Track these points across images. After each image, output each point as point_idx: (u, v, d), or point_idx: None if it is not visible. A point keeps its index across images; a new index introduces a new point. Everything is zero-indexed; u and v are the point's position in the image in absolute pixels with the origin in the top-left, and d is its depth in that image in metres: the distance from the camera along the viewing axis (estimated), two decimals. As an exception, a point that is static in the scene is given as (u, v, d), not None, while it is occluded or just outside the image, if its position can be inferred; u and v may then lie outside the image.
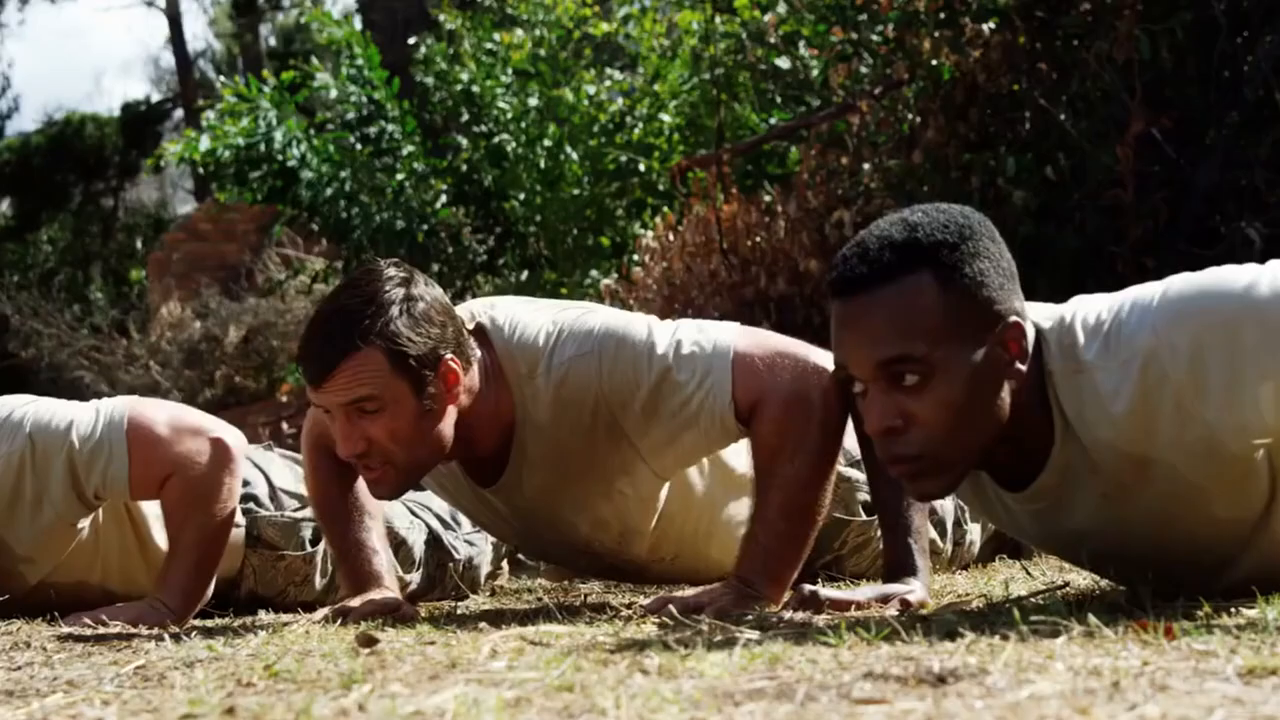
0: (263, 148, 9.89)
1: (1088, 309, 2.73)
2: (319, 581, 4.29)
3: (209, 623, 3.59)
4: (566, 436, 3.35)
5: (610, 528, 3.55)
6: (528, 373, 3.33)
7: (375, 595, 3.44)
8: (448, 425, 3.27)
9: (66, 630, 3.23)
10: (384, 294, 3.19)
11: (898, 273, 2.60)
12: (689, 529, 3.67)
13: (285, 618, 3.60)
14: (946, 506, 4.21)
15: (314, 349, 3.22)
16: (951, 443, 2.66)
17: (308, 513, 4.25)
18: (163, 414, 3.71)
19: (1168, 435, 2.62)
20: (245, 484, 4.21)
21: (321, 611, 3.41)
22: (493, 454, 3.43)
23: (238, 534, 4.14)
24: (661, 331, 3.31)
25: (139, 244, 20.26)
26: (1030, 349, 2.68)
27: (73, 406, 3.73)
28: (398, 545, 4.28)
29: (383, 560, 3.58)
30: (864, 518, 3.99)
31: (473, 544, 4.63)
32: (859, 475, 3.94)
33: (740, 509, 3.69)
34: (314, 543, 4.24)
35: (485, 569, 4.71)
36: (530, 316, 3.39)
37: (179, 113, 22.87)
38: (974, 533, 4.30)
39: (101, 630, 3.24)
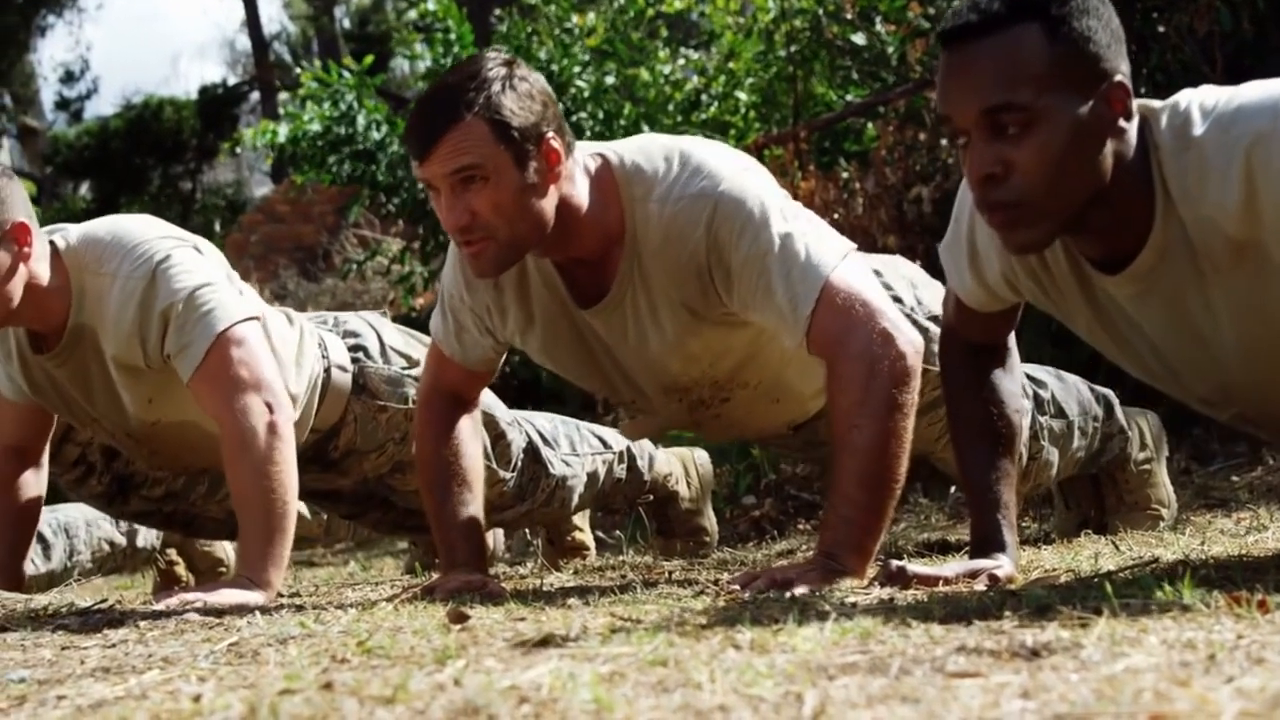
0: (343, 131, 9.92)
1: (1204, 95, 2.74)
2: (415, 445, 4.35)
3: (298, 600, 3.61)
4: (666, 268, 3.40)
5: (700, 360, 3.56)
6: (642, 195, 3.39)
7: (463, 573, 3.47)
8: (549, 204, 3.32)
9: (158, 607, 3.26)
10: (487, 70, 3.26)
11: (1006, 22, 2.64)
12: (775, 352, 3.66)
13: (369, 596, 3.62)
14: (1024, 410, 4.14)
15: (419, 123, 3.29)
16: (1050, 192, 2.67)
17: (414, 372, 4.31)
18: (255, 352, 3.73)
19: (1271, 219, 2.62)
20: (355, 335, 4.34)
21: (408, 590, 3.43)
22: (595, 259, 3.47)
23: (343, 380, 4.23)
24: (784, 213, 3.34)
25: (217, 226, 20.38)
26: (1135, 114, 2.71)
27: (208, 275, 3.78)
28: (496, 438, 4.32)
29: (475, 538, 3.61)
30: (935, 367, 3.97)
31: (569, 465, 4.66)
32: (935, 329, 3.94)
33: None
34: (416, 400, 4.31)
35: (575, 497, 4.72)
36: (654, 147, 3.46)
37: (255, 95, 23.00)
38: (1051, 454, 4.25)
39: (193, 608, 3.26)
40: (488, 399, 3.92)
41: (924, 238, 7.65)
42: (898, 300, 3.85)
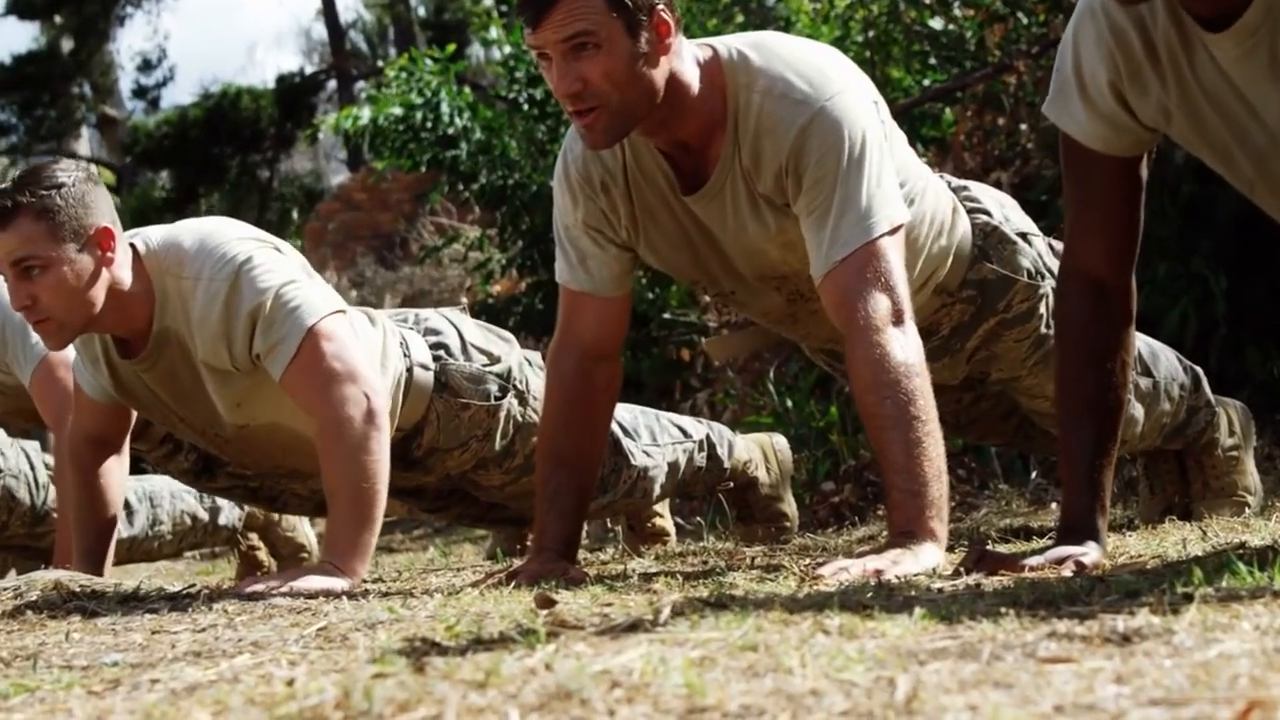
0: (421, 117, 9.93)
1: None
2: (499, 441, 4.38)
3: (382, 586, 3.63)
4: (760, 157, 3.44)
5: (797, 248, 3.56)
6: (746, 84, 3.42)
7: (547, 559, 3.48)
8: (660, 75, 3.36)
9: (245, 593, 3.29)
10: None
11: None
12: None
13: (454, 582, 3.64)
14: None
15: None
16: None
17: (495, 369, 4.33)
18: (344, 344, 3.76)
19: None
20: (437, 333, 4.37)
21: (489, 574, 3.45)
22: (698, 143, 3.50)
23: (425, 378, 4.25)
24: (869, 153, 3.37)
25: (294, 215, 20.49)
26: None
27: (290, 273, 3.81)
28: None
29: (571, 522, 3.62)
30: (1026, 280, 3.97)
31: (650, 455, 4.67)
32: (1028, 248, 3.95)
33: (919, 232, 3.73)
34: (499, 397, 4.32)
35: (657, 487, 4.73)
36: (778, 45, 3.50)
37: (332, 84, 23.09)
38: (1136, 410, 4.22)
39: (278, 592, 3.29)
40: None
41: (1003, 223, 7.61)
42: (985, 213, 3.95)
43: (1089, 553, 3.02)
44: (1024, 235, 3.98)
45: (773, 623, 2.19)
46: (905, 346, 3.29)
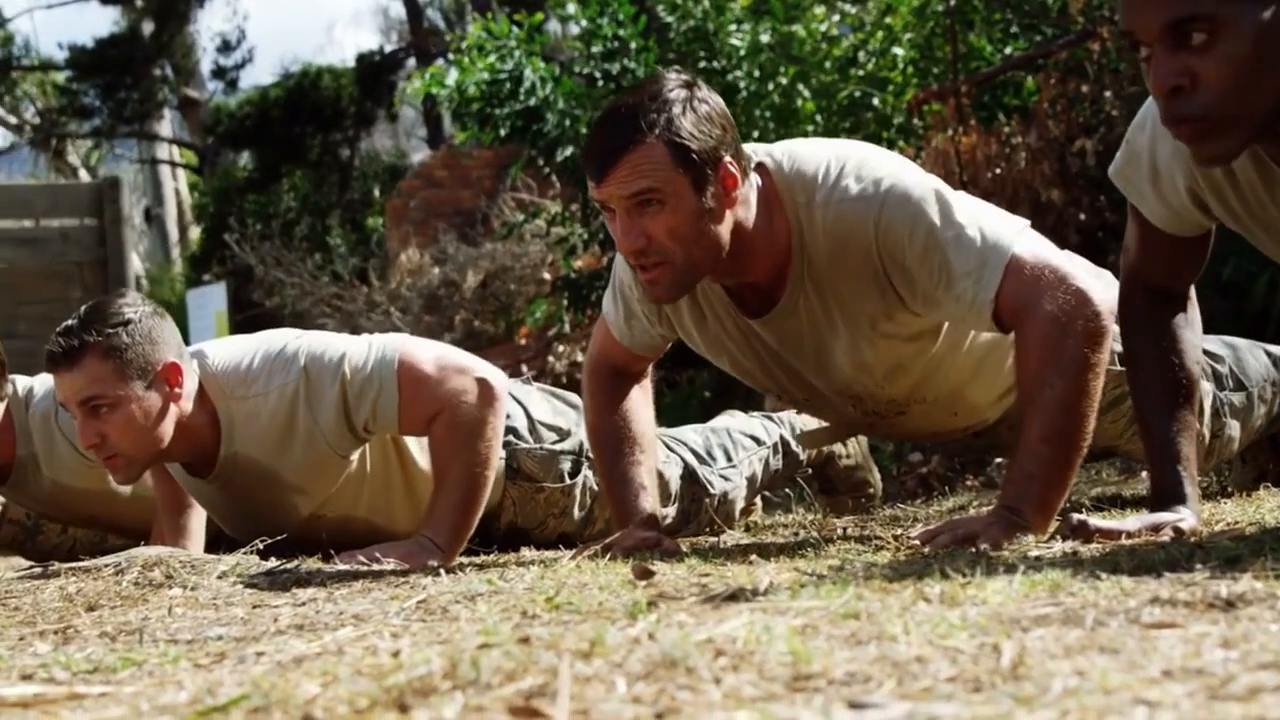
0: (506, 86, 9.93)
1: None
2: (577, 514, 4.37)
3: (478, 559, 3.65)
4: (837, 274, 3.37)
5: (874, 371, 3.55)
6: (805, 202, 3.35)
7: (639, 531, 3.49)
8: (725, 229, 3.29)
9: (342, 568, 3.31)
10: (667, 92, 3.24)
11: None
12: (954, 371, 3.64)
13: (551, 554, 3.65)
14: (1205, 393, 4.10)
15: (597, 143, 3.28)
16: (1238, 101, 2.61)
17: (566, 445, 4.33)
18: (431, 353, 3.81)
19: None
20: (505, 417, 4.30)
21: (585, 548, 3.46)
22: (766, 284, 3.45)
23: (499, 466, 4.22)
24: (950, 202, 3.30)
25: (376, 192, 20.55)
26: None
27: (346, 340, 3.84)
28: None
29: (649, 497, 3.62)
30: (1118, 368, 3.93)
31: (728, 479, 4.66)
32: (1113, 329, 3.91)
33: (1003, 352, 3.65)
34: (572, 475, 4.33)
35: (739, 504, 4.75)
36: (812, 151, 3.42)
37: (411, 62, 23.14)
38: (1233, 429, 4.20)
39: (376, 567, 3.32)
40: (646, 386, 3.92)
41: (1088, 190, 7.58)
42: None
43: (1185, 519, 3.00)
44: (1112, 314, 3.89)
45: (873, 591, 2.20)
46: (1085, 336, 3.18)
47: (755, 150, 3.43)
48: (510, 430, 4.30)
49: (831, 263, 3.36)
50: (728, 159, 3.26)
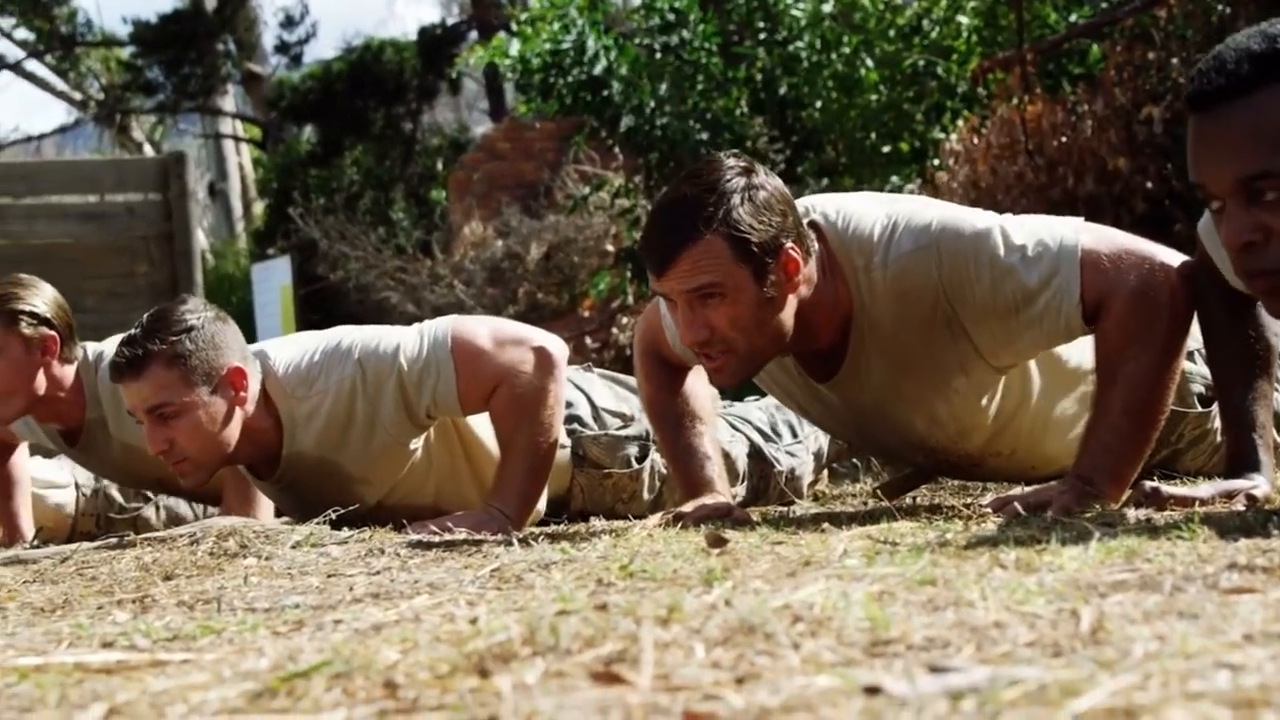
0: (571, 56, 9.93)
1: None
2: (646, 497, 4.38)
3: (550, 529, 3.67)
4: (904, 330, 3.34)
5: (946, 426, 3.54)
6: (864, 265, 3.32)
7: (708, 500, 3.49)
8: (788, 314, 3.27)
9: (414, 537, 3.33)
10: (725, 182, 3.21)
11: (1256, 85, 2.51)
12: (1026, 424, 3.64)
13: (622, 524, 3.66)
14: None
15: (656, 238, 3.27)
16: None
17: (631, 430, 4.34)
18: (484, 328, 3.82)
19: None
20: (568, 405, 4.33)
21: (656, 516, 3.47)
22: (830, 347, 3.43)
23: (564, 454, 4.24)
24: (1004, 227, 3.28)
25: (439, 165, 20.56)
26: None
27: (397, 331, 3.86)
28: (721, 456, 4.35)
29: (714, 466, 3.63)
30: (1200, 409, 3.92)
31: (794, 455, 4.67)
32: (1194, 367, 3.88)
33: (1072, 404, 3.66)
34: (639, 459, 4.33)
35: (807, 479, 4.75)
36: (863, 209, 3.38)
37: (473, 35, 23.14)
38: None
39: (448, 537, 3.33)
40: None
41: (1155, 159, 7.53)
42: None
43: (1259, 485, 3.00)
44: (1191, 355, 3.83)
45: (948, 558, 2.20)
46: (1171, 313, 3.17)
47: (810, 207, 3.40)
48: (574, 418, 4.33)
49: (897, 322, 3.34)
50: (789, 245, 3.23)
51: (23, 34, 26.50)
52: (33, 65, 27.00)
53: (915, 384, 3.44)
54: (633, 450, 4.36)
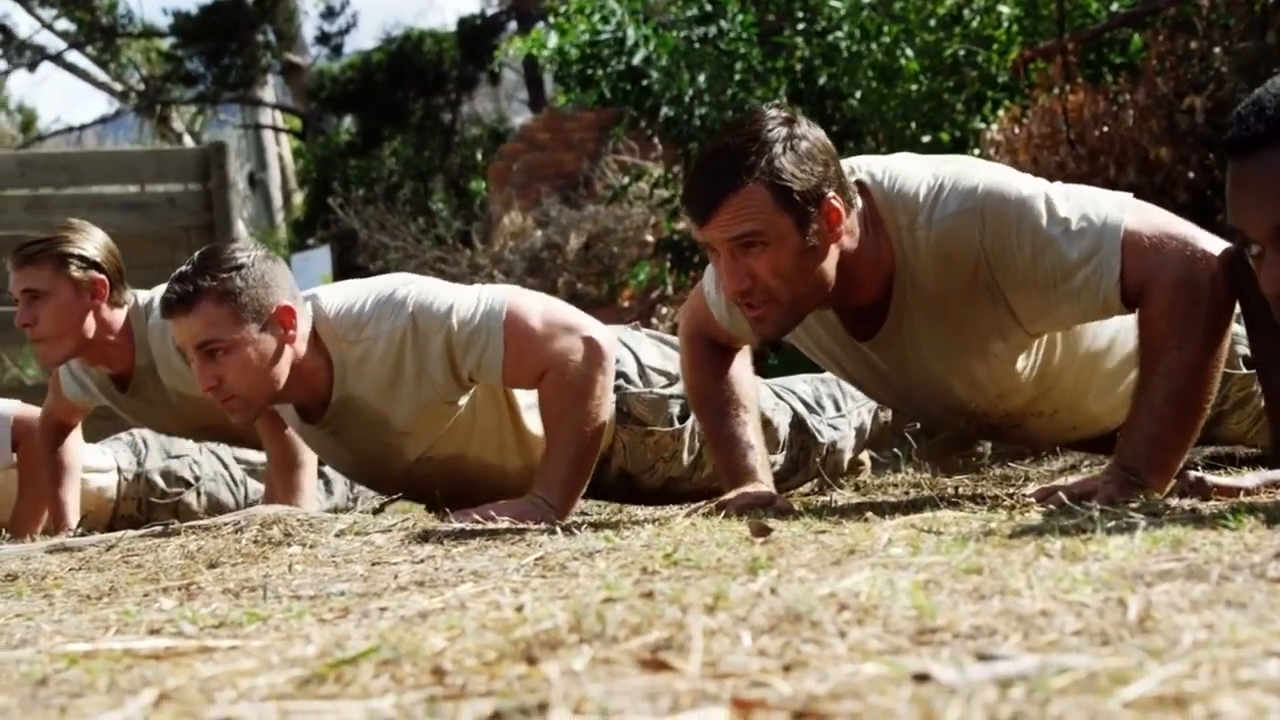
0: (610, 46, 9.92)
1: None
2: (686, 458, 4.39)
3: (593, 517, 3.67)
4: (945, 291, 3.34)
5: (986, 389, 3.53)
6: (907, 224, 3.33)
7: (750, 489, 3.49)
8: (830, 264, 3.28)
9: (458, 525, 3.34)
10: (767, 132, 3.22)
11: None
12: (1068, 385, 3.62)
13: (665, 512, 3.67)
14: None
15: (699, 187, 3.28)
16: None
17: (676, 390, 4.35)
18: (539, 308, 3.82)
19: None
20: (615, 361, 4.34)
21: (700, 505, 3.47)
22: (872, 304, 3.44)
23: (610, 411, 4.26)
24: (1050, 196, 3.26)
25: (478, 156, 20.58)
26: None
27: (455, 290, 3.87)
28: (762, 425, 4.35)
29: (757, 455, 3.63)
30: (1245, 371, 3.89)
31: (836, 429, 4.67)
32: (1239, 329, 3.86)
33: (1113, 363, 3.64)
34: (681, 419, 4.34)
35: (848, 454, 4.75)
36: (910, 169, 3.38)
37: (513, 25, 23.14)
38: None
39: (491, 525, 3.34)
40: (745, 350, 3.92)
41: (1197, 149, 7.50)
42: None
43: (1305, 475, 2.99)
44: (1236, 316, 3.82)
45: (993, 547, 2.20)
46: (1212, 302, 3.15)
47: (856, 166, 3.41)
48: (620, 374, 4.33)
49: (938, 282, 3.34)
50: (830, 194, 3.23)
51: (64, 25, 26.61)
52: (74, 56, 27.15)
53: (955, 345, 3.44)
54: (676, 410, 4.37)
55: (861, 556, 2.21)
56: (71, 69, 27.31)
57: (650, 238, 13.77)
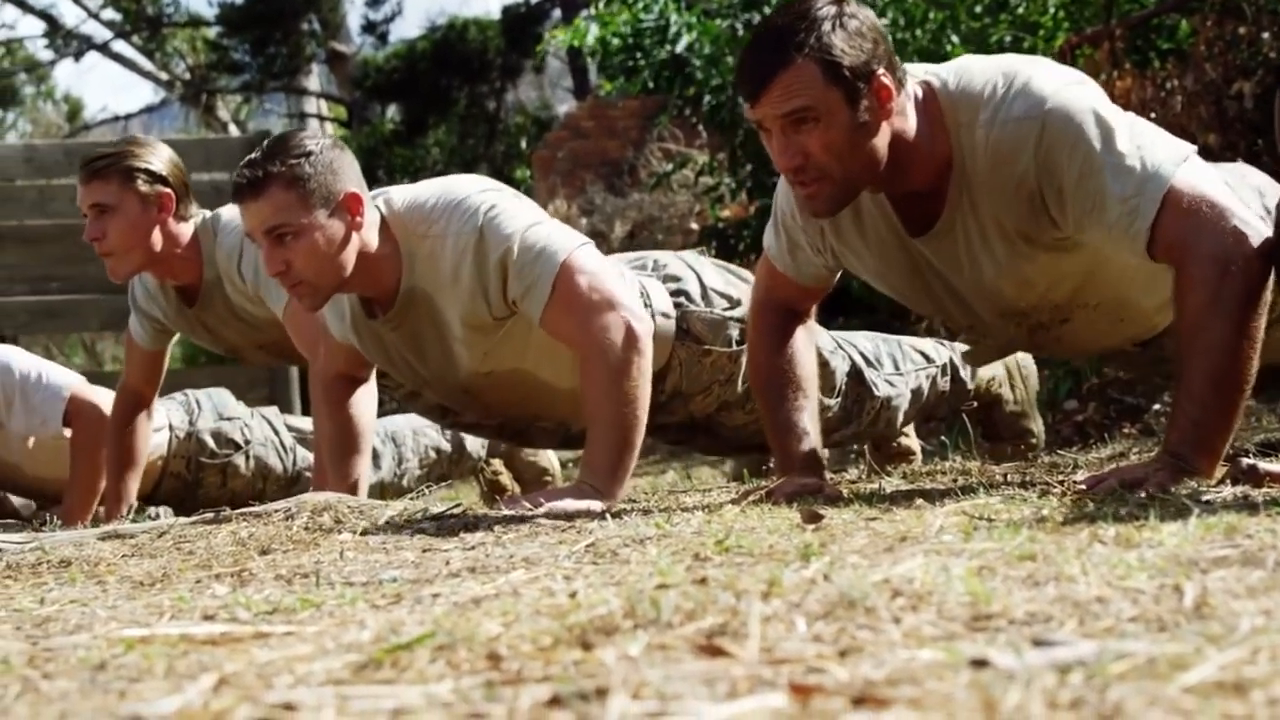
0: (649, 37, 9.92)
1: None
2: (740, 385, 4.40)
3: (641, 504, 3.67)
4: (995, 190, 3.35)
5: (1035, 285, 3.51)
6: (968, 122, 3.33)
7: (801, 477, 3.49)
8: (882, 142, 3.29)
9: (507, 513, 3.34)
10: (816, 10, 3.24)
11: None
12: (1114, 272, 3.60)
13: (714, 499, 3.67)
14: None
15: (749, 65, 3.29)
16: None
17: (735, 313, 4.37)
18: (594, 270, 3.82)
19: None
20: (676, 280, 4.42)
21: (749, 493, 3.47)
22: (927, 198, 3.43)
23: (667, 326, 4.31)
24: (1113, 126, 3.25)
25: (523, 144, 20.59)
26: None
27: (530, 214, 3.89)
28: (819, 366, 4.35)
29: (811, 442, 3.63)
30: None
31: (893, 385, 4.68)
32: None
33: None
34: (739, 342, 4.35)
35: (901, 415, 4.74)
36: (981, 67, 3.39)
37: (557, 12, 23.15)
38: None
39: (540, 512, 3.33)
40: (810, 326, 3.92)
41: (1246, 135, 7.47)
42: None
43: (1357, 462, 2.97)
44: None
45: (1046, 533, 2.19)
46: (1245, 278, 3.12)
47: (926, 69, 3.42)
48: (681, 293, 4.36)
49: (990, 181, 3.34)
50: (880, 71, 3.24)
51: (110, 15, 26.71)
52: (120, 46, 27.23)
53: (1004, 245, 3.43)
54: (735, 332, 4.38)
55: (914, 543, 2.21)
56: (117, 58, 27.41)
57: (695, 225, 13.77)
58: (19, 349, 5.70)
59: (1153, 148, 3.24)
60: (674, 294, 4.37)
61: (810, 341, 3.81)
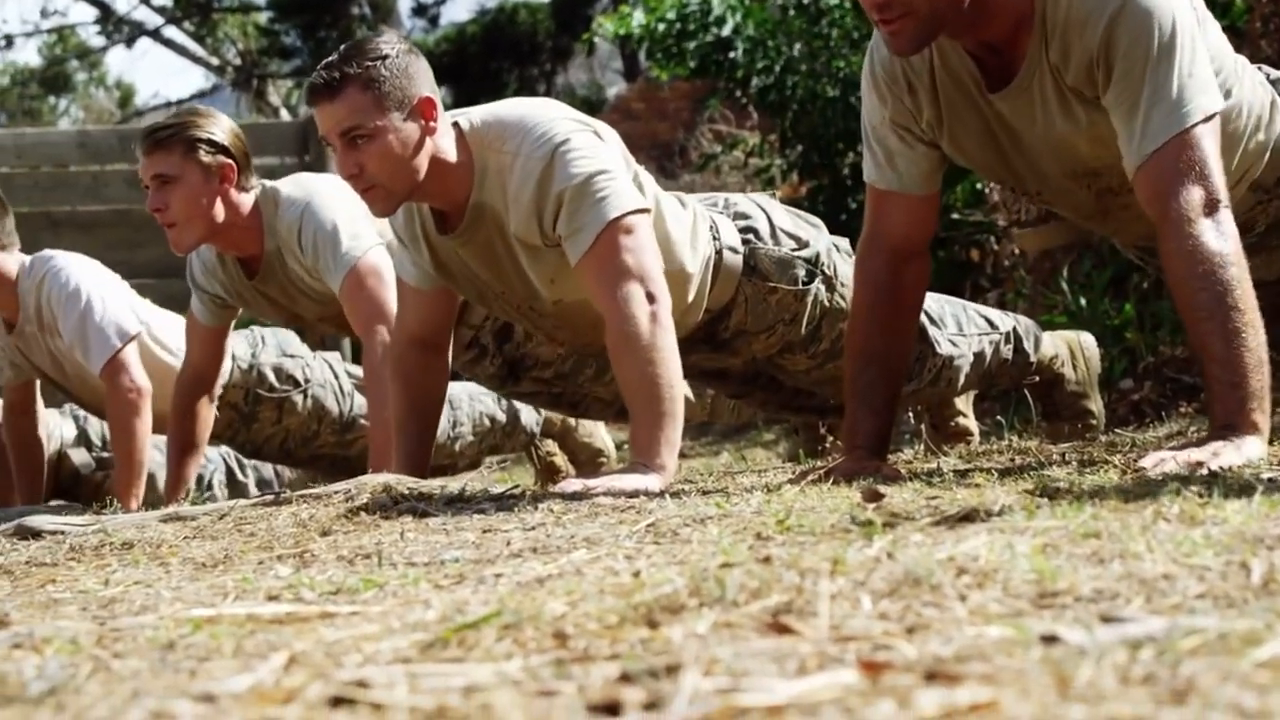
0: (695, 22, 9.91)
1: None
2: (804, 327, 4.40)
3: (700, 484, 3.67)
4: (1065, 50, 3.39)
5: (1110, 144, 3.51)
6: None
7: (861, 456, 3.50)
8: None
9: (567, 492, 3.34)
10: None
11: None
12: None
13: (773, 479, 3.67)
14: None
15: None
16: None
17: (803, 254, 4.37)
18: (640, 243, 3.80)
19: None
20: (746, 217, 4.43)
21: (808, 472, 3.47)
22: (1005, 45, 3.47)
23: (734, 261, 4.33)
24: (1179, 43, 3.30)
25: (573, 127, 20.57)
26: None
27: (606, 162, 3.87)
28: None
29: (882, 420, 3.64)
30: None
31: (955, 345, 4.71)
32: None
33: (1235, 122, 3.66)
34: (806, 281, 4.35)
35: (962, 377, 4.75)
36: None
37: (606, -5, 23.16)
38: None
39: (599, 491, 3.33)
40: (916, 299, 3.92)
41: (1302, 110, 7.42)
42: None
43: None
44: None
45: (1110, 511, 2.19)
46: (1220, 236, 3.22)
47: None
48: (751, 231, 4.38)
49: (1062, 40, 3.38)
50: None
51: (161, 1, 26.81)
52: (171, 31, 27.33)
53: (1078, 102, 3.46)
54: (801, 272, 4.38)
55: (977, 521, 2.21)
56: (169, 44, 27.52)
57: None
58: (97, 267, 5.70)
59: (1197, 86, 3.31)
60: (742, 231, 4.38)
61: (917, 302, 3.83)
